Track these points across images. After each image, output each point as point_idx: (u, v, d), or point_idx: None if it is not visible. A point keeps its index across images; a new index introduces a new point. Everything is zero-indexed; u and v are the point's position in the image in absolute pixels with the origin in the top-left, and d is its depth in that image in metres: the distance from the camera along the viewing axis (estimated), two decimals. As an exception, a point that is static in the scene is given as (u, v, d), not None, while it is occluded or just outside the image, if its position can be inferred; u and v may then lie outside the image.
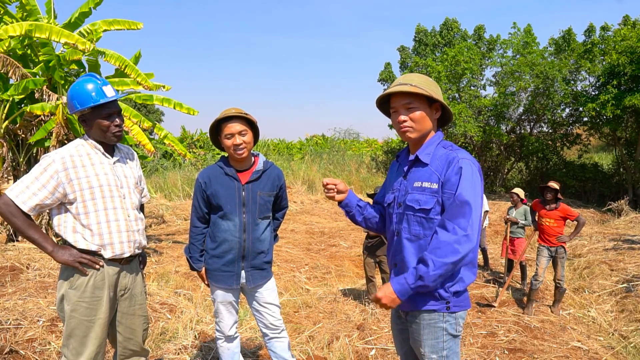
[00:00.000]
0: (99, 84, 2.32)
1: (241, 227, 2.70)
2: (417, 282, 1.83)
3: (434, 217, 1.92)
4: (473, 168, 1.89)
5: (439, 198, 1.90)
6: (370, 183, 17.48)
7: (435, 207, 1.91)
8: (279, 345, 2.91)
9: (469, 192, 1.85)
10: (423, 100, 1.96)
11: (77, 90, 2.30)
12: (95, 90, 2.30)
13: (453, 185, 1.87)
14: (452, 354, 1.99)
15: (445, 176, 1.89)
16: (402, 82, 1.96)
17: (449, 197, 1.88)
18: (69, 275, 2.29)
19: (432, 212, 1.92)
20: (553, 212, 5.29)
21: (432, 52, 20.06)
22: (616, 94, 13.79)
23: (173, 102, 8.13)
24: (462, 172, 1.86)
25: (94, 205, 2.28)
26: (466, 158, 1.90)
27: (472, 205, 1.84)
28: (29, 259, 5.74)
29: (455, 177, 1.87)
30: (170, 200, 13.23)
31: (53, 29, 6.07)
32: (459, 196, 1.85)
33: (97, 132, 2.34)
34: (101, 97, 2.29)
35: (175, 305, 4.69)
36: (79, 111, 2.30)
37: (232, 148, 2.65)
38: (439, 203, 1.91)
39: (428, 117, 1.98)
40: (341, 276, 6.74)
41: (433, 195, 1.91)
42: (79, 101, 2.29)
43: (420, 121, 1.97)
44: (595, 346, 4.38)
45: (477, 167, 1.93)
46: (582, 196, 17.42)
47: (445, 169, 1.90)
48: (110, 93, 2.33)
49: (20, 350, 3.43)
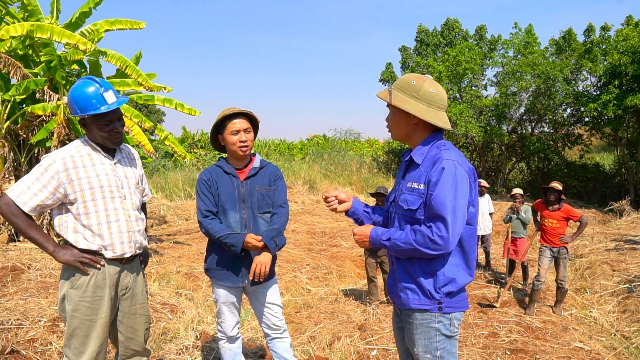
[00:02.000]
0: (100, 90, 2.27)
1: (242, 223, 2.73)
2: (385, 242, 1.95)
3: (420, 217, 1.91)
4: (456, 168, 1.84)
5: (425, 199, 1.89)
6: (371, 183, 17.46)
7: (420, 208, 1.90)
8: (281, 346, 2.91)
9: (447, 194, 1.82)
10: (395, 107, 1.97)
11: (78, 95, 2.26)
12: (96, 97, 2.25)
13: (433, 185, 1.85)
14: (446, 354, 1.97)
15: (428, 176, 1.88)
16: (392, 84, 2.00)
17: (429, 197, 1.86)
18: (70, 275, 2.28)
19: (418, 213, 1.91)
20: (556, 212, 5.28)
21: (433, 52, 20.06)
22: (618, 94, 13.78)
23: (174, 103, 8.12)
24: (442, 173, 1.83)
25: (94, 206, 2.28)
26: (450, 159, 1.86)
27: (448, 208, 1.81)
28: (31, 259, 5.74)
29: (436, 178, 1.85)
30: (171, 201, 13.23)
31: (54, 29, 6.07)
32: (436, 197, 1.83)
33: (97, 136, 2.34)
34: (101, 105, 2.26)
35: (177, 305, 4.69)
36: (79, 116, 2.29)
37: (238, 144, 2.68)
38: (425, 204, 1.89)
39: (404, 122, 1.97)
40: (342, 276, 6.73)
41: (420, 196, 1.90)
42: (79, 106, 2.26)
43: (394, 126, 2.02)
44: (597, 347, 4.37)
45: (467, 168, 1.89)
46: (583, 196, 17.41)
47: (430, 169, 1.89)
48: (111, 99, 2.28)
49: (21, 351, 3.42)
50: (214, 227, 2.66)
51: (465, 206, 1.86)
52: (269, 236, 2.70)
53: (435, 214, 1.82)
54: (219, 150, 2.90)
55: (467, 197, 1.88)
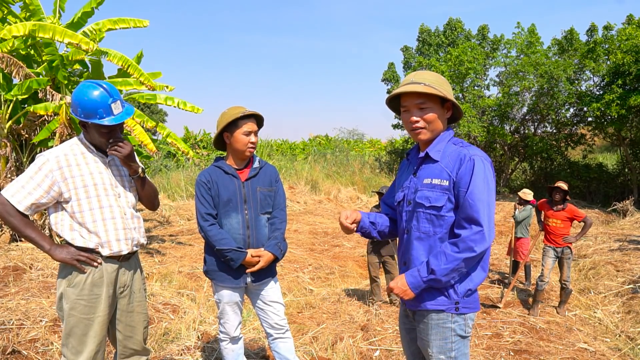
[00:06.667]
0: (108, 100, 2.22)
1: (244, 223, 2.72)
2: (429, 276, 1.83)
3: (445, 214, 1.89)
4: (485, 164, 1.87)
5: (450, 195, 1.88)
6: (373, 183, 17.44)
7: (446, 205, 1.89)
8: (283, 346, 2.89)
9: (481, 189, 1.83)
10: (436, 100, 1.92)
11: (85, 101, 2.20)
12: (104, 106, 2.21)
13: (466, 183, 1.84)
14: (460, 355, 1.96)
15: (458, 174, 1.87)
16: (415, 81, 1.91)
17: (462, 195, 1.85)
18: (67, 274, 2.27)
19: (444, 210, 1.89)
20: (560, 212, 5.25)
21: (435, 52, 20.01)
22: (621, 94, 13.70)
23: (177, 101, 8.09)
24: (474, 169, 1.84)
25: (89, 204, 2.26)
26: (477, 154, 1.88)
27: (485, 203, 1.82)
28: (32, 259, 5.73)
29: (468, 175, 1.84)
30: (173, 201, 13.22)
31: (56, 29, 6.06)
32: (472, 194, 1.83)
33: (95, 140, 2.32)
34: (107, 116, 2.22)
35: (179, 305, 4.68)
36: (81, 120, 2.26)
37: (248, 144, 2.70)
38: (450, 200, 1.88)
39: (440, 117, 1.95)
40: (345, 276, 6.71)
41: (444, 192, 1.89)
42: (83, 111, 2.22)
43: (433, 122, 1.93)
44: (602, 348, 4.33)
45: (489, 163, 1.90)
46: (586, 196, 17.34)
47: (457, 167, 1.87)
48: (117, 110, 2.24)
49: (22, 351, 3.41)
50: (215, 236, 2.66)
51: (494, 200, 1.87)
52: (273, 244, 2.78)
53: (473, 211, 1.82)
54: (219, 148, 2.88)
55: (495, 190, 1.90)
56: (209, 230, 2.68)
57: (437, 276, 1.82)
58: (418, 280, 1.87)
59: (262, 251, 2.74)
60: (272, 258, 2.75)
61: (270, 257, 2.75)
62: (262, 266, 2.72)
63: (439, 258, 1.82)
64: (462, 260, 1.80)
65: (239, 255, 2.66)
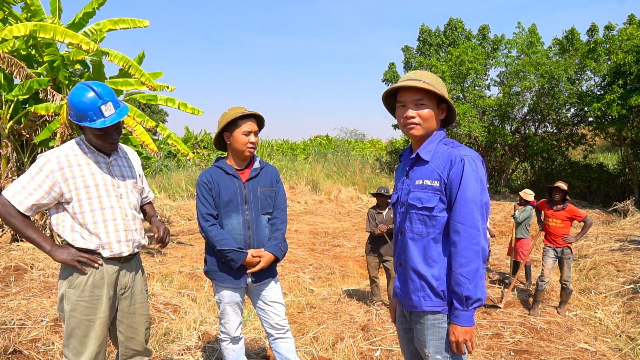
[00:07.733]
0: (98, 103, 2.20)
1: (245, 224, 2.72)
2: (467, 302, 1.84)
3: (437, 214, 1.90)
4: (476, 163, 1.87)
5: (442, 196, 1.89)
6: (374, 183, 17.43)
7: (438, 205, 1.90)
8: (284, 346, 2.89)
9: (473, 189, 1.84)
10: (433, 99, 1.94)
11: (76, 103, 2.20)
12: (93, 109, 2.19)
13: (457, 184, 1.85)
14: (457, 355, 1.96)
15: (449, 175, 1.87)
16: (415, 78, 1.93)
17: (454, 196, 1.86)
18: (68, 275, 2.27)
19: (436, 210, 1.90)
20: (560, 212, 5.25)
21: (436, 52, 20.00)
22: (622, 94, 13.69)
23: (177, 102, 8.11)
24: (464, 169, 1.85)
25: (89, 205, 2.26)
26: (468, 154, 1.88)
27: (477, 202, 1.84)
28: (33, 259, 5.74)
29: (459, 176, 1.85)
30: (174, 201, 13.24)
31: (57, 29, 6.07)
32: (464, 194, 1.83)
33: (92, 141, 2.32)
34: (98, 118, 2.21)
35: (179, 305, 4.68)
36: (75, 122, 2.26)
37: (247, 144, 2.70)
38: (442, 201, 1.89)
39: (435, 117, 1.96)
40: (345, 277, 6.71)
41: (435, 193, 1.90)
42: (75, 114, 2.22)
43: (428, 120, 1.95)
44: (603, 348, 4.33)
45: (481, 161, 1.91)
46: (587, 196, 17.33)
47: (449, 168, 1.88)
48: (109, 112, 2.22)
49: (24, 351, 3.42)
50: (216, 237, 2.67)
51: (486, 198, 1.88)
52: (274, 245, 2.78)
53: (466, 211, 1.83)
54: (219, 148, 2.89)
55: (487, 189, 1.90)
56: (210, 230, 2.68)
57: (473, 297, 1.83)
58: (464, 315, 1.85)
59: (263, 251, 2.74)
60: (272, 258, 2.76)
61: (271, 258, 2.75)
62: (262, 266, 2.72)
63: (462, 284, 1.82)
64: (477, 266, 1.83)
65: (240, 255, 2.67)
